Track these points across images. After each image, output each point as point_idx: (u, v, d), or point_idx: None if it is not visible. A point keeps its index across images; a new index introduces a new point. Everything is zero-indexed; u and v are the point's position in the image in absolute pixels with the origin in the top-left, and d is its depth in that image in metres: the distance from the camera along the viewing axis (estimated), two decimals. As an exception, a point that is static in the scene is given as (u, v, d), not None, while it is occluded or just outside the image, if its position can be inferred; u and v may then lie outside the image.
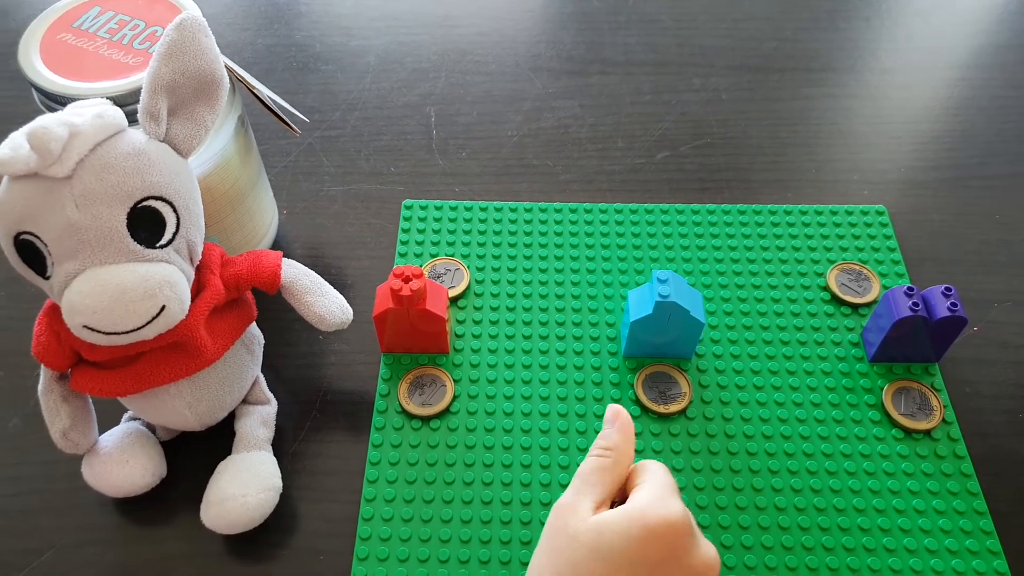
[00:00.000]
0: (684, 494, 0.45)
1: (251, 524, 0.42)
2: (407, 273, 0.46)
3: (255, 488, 0.42)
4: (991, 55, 0.70)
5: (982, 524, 0.44)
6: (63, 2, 0.45)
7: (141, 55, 0.42)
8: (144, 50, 0.43)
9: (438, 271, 0.54)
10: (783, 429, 0.47)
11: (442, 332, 0.49)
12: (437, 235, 0.57)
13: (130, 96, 0.41)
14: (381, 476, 0.46)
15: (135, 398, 0.42)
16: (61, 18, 0.45)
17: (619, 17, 0.74)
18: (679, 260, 0.55)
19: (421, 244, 0.56)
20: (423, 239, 0.56)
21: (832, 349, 0.51)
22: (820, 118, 0.65)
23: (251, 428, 0.45)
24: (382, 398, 0.49)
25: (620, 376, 0.49)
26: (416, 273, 0.46)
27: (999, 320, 0.52)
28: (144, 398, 0.42)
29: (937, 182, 0.60)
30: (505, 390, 0.49)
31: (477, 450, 0.46)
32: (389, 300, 0.46)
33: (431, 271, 0.54)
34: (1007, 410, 0.49)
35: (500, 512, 0.44)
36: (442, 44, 0.72)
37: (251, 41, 0.72)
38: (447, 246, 0.56)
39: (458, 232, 0.57)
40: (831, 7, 0.75)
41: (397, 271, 0.46)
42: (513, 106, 0.66)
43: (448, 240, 0.56)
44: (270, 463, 0.44)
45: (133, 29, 0.44)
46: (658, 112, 0.66)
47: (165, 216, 0.37)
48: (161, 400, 0.42)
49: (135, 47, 0.43)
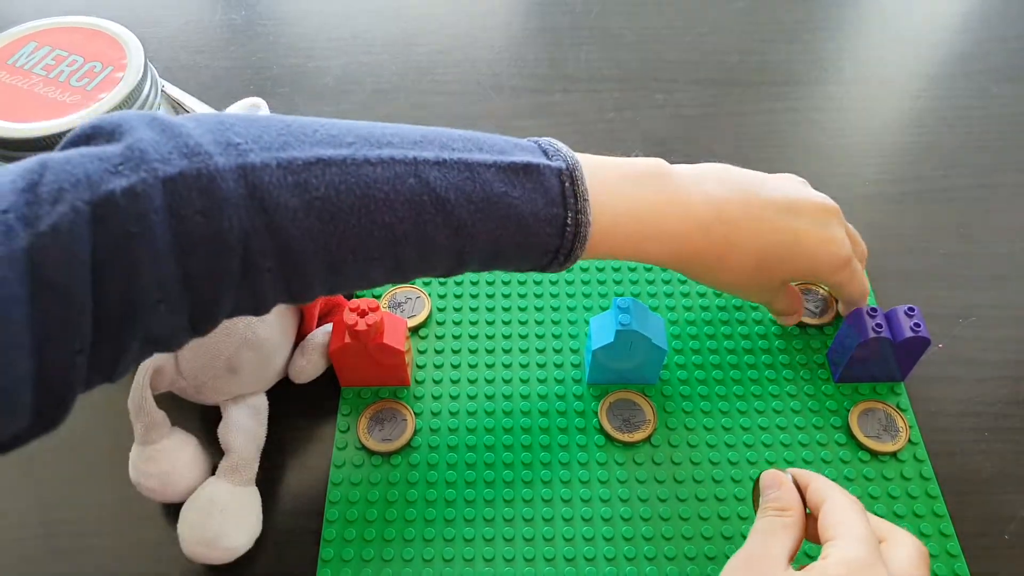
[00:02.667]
0: (647, 524, 0.44)
1: (222, 562, 0.42)
2: (362, 307, 0.45)
3: (244, 538, 0.42)
4: (953, 65, 0.70)
5: (948, 547, 0.43)
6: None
7: (79, 92, 0.41)
8: (82, 87, 0.41)
9: (398, 300, 0.53)
10: (748, 455, 0.47)
11: (401, 364, 0.48)
12: (398, 262, 0.55)
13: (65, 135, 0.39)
14: (341, 515, 0.44)
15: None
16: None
17: (581, 32, 0.73)
18: (642, 282, 0.55)
19: (381, 272, 0.55)
20: (384, 266, 0.55)
21: (798, 371, 0.50)
22: (784, 132, 0.65)
23: (243, 445, 0.44)
24: (341, 434, 0.48)
25: (584, 404, 0.49)
26: (372, 307, 0.45)
27: (964, 336, 0.52)
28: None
29: (901, 195, 0.60)
30: (467, 422, 0.48)
31: (439, 486, 0.45)
32: (345, 335, 0.45)
33: (391, 300, 0.53)
34: (973, 428, 0.48)
35: (463, 550, 0.43)
36: (402, 64, 0.71)
37: (207, 64, 0.71)
38: (408, 273, 0.55)
39: (419, 258, 0.56)
40: (795, 20, 0.74)
41: (352, 305, 0.45)
42: (475, 126, 0.65)
43: (409, 267, 0.55)
44: (258, 505, 0.44)
45: (71, 65, 0.42)
46: (622, 129, 0.65)
47: None
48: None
49: (72, 84, 0.41)
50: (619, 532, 0.44)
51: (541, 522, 0.44)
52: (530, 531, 0.44)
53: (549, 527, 0.44)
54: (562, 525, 0.44)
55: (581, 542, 0.44)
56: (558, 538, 0.44)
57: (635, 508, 0.45)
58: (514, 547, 0.43)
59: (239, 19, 0.75)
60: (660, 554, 0.43)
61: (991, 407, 0.49)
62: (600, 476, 0.46)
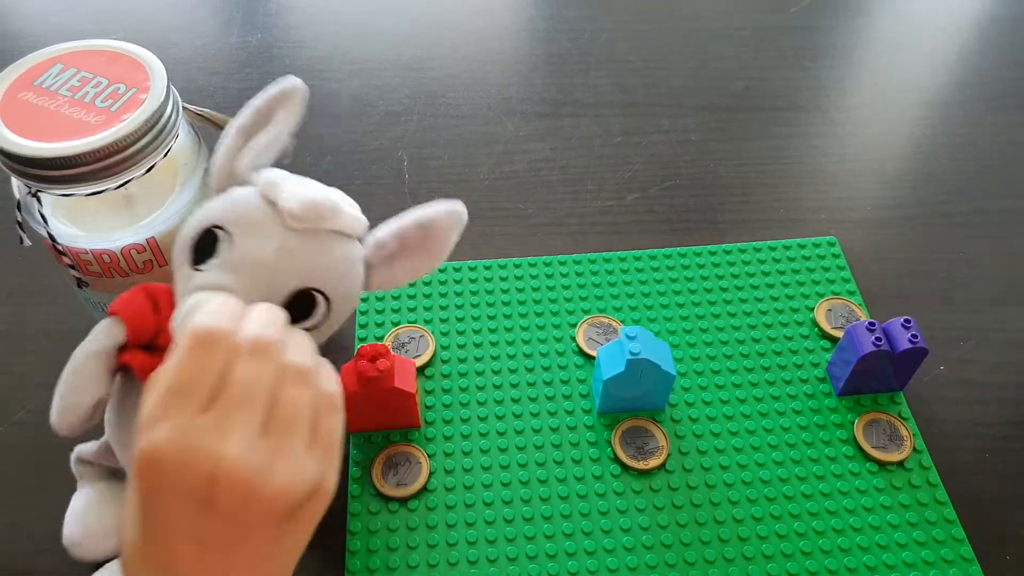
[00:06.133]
0: (670, 551, 0.44)
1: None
2: (372, 352, 0.45)
3: None
4: (951, 93, 0.72)
5: (962, 551, 0.45)
6: (24, 60, 0.44)
7: (103, 113, 0.41)
8: (106, 108, 0.42)
9: (401, 340, 0.53)
10: (762, 474, 0.47)
11: (412, 407, 0.47)
12: (397, 301, 0.55)
13: (90, 156, 0.40)
14: (363, 565, 0.44)
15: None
16: (22, 76, 0.43)
17: (589, 59, 0.75)
18: (641, 307, 0.55)
19: (382, 312, 0.55)
20: (383, 307, 0.55)
21: (800, 387, 0.51)
22: (788, 157, 0.66)
23: None
24: (355, 482, 0.47)
25: (597, 435, 0.49)
26: (382, 352, 0.45)
27: (965, 359, 0.53)
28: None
29: (901, 220, 0.61)
30: (482, 460, 0.48)
31: (459, 528, 0.45)
32: (355, 382, 0.45)
33: (394, 341, 0.53)
34: (974, 448, 0.49)
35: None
36: (414, 87, 0.71)
37: (222, 85, 0.71)
38: (408, 312, 0.55)
39: (418, 297, 0.56)
40: (798, 47, 0.76)
41: (362, 351, 0.45)
42: (485, 149, 0.66)
43: (409, 306, 0.55)
44: None
45: (96, 87, 0.43)
46: (628, 154, 0.66)
47: (318, 304, 0.35)
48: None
49: (97, 105, 0.42)
50: (643, 561, 0.44)
51: (565, 557, 0.44)
52: (555, 567, 0.44)
53: (574, 561, 0.44)
54: (586, 559, 0.44)
55: (606, 574, 0.44)
56: (582, 572, 0.44)
57: (656, 535, 0.45)
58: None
59: (255, 42, 0.76)
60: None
61: (992, 428, 0.50)
62: (619, 506, 0.46)
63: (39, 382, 0.51)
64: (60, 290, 0.55)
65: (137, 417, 0.30)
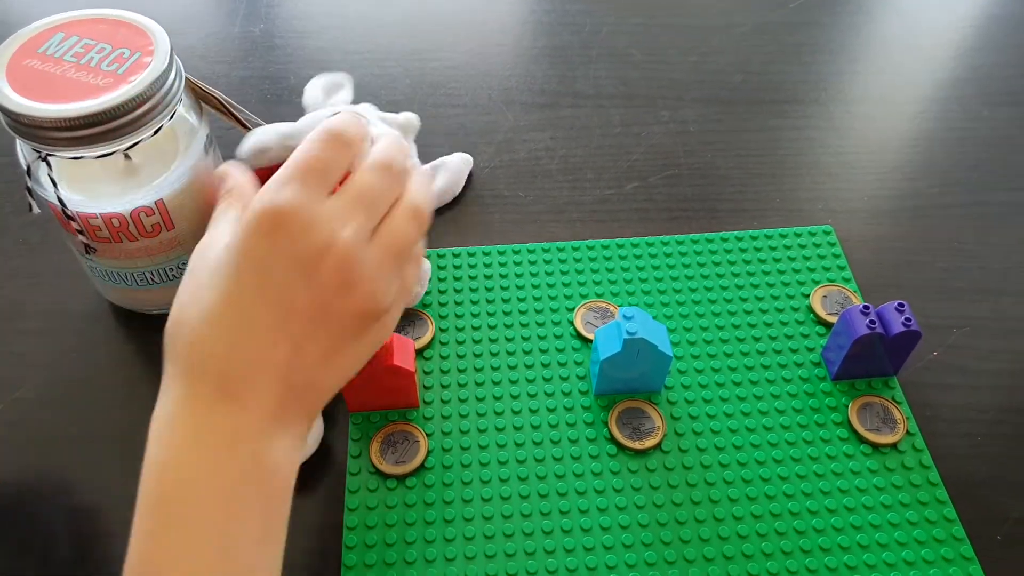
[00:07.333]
0: (665, 529, 0.45)
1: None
2: (372, 330, 0.45)
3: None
4: (949, 88, 0.72)
5: (953, 531, 0.45)
6: (25, 30, 0.45)
7: (111, 76, 0.42)
8: (113, 71, 0.42)
9: (401, 324, 0.53)
10: (757, 455, 0.48)
11: (411, 386, 0.48)
12: (397, 285, 0.56)
13: (102, 115, 0.41)
14: (360, 541, 0.44)
15: None
16: (25, 45, 0.44)
17: (590, 51, 0.75)
18: (639, 293, 0.56)
19: (381, 296, 0.55)
20: (383, 290, 0.56)
21: (795, 371, 0.52)
22: (786, 149, 0.67)
23: None
24: (353, 459, 0.47)
25: (593, 415, 0.49)
26: (381, 330, 0.45)
27: (958, 345, 0.54)
28: None
29: (898, 211, 0.62)
30: (480, 439, 0.48)
31: (456, 505, 0.46)
32: (355, 359, 0.46)
33: (394, 323, 0.53)
34: (967, 433, 0.50)
35: (486, 566, 0.43)
36: (416, 77, 0.72)
37: (225, 73, 0.72)
38: (408, 296, 0.55)
39: (418, 281, 0.56)
40: (797, 41, 0.76)
41: (362, 329, 0.45)
42: (486, 138, 0.67)
43: (408, 290, 0.56)
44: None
45: (100, 52, 0.43)
46: (627, 144, 0.67)
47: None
48: None
49: (103, 69, 0.42)
50: (638, 539, 0.45)
51: (560, 534, 0.45)
52: (551, 543, 0.44)
53: (569, 538, 0.45)
54: (581, 535, 0.45)
55: (602, 551, 0.44)
56: (578, 549, 0.44)
57: (652, 514, 0.45)
58: (536, 560, 0.44)
59: (258, 31, 0.76)
60: (680, 557, 0.44)
61: (984, 413, 0.50)
62: (615, 485, 0.47)
63: (38, 362, 0.52)
64: (61, 268, 0.56)
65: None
